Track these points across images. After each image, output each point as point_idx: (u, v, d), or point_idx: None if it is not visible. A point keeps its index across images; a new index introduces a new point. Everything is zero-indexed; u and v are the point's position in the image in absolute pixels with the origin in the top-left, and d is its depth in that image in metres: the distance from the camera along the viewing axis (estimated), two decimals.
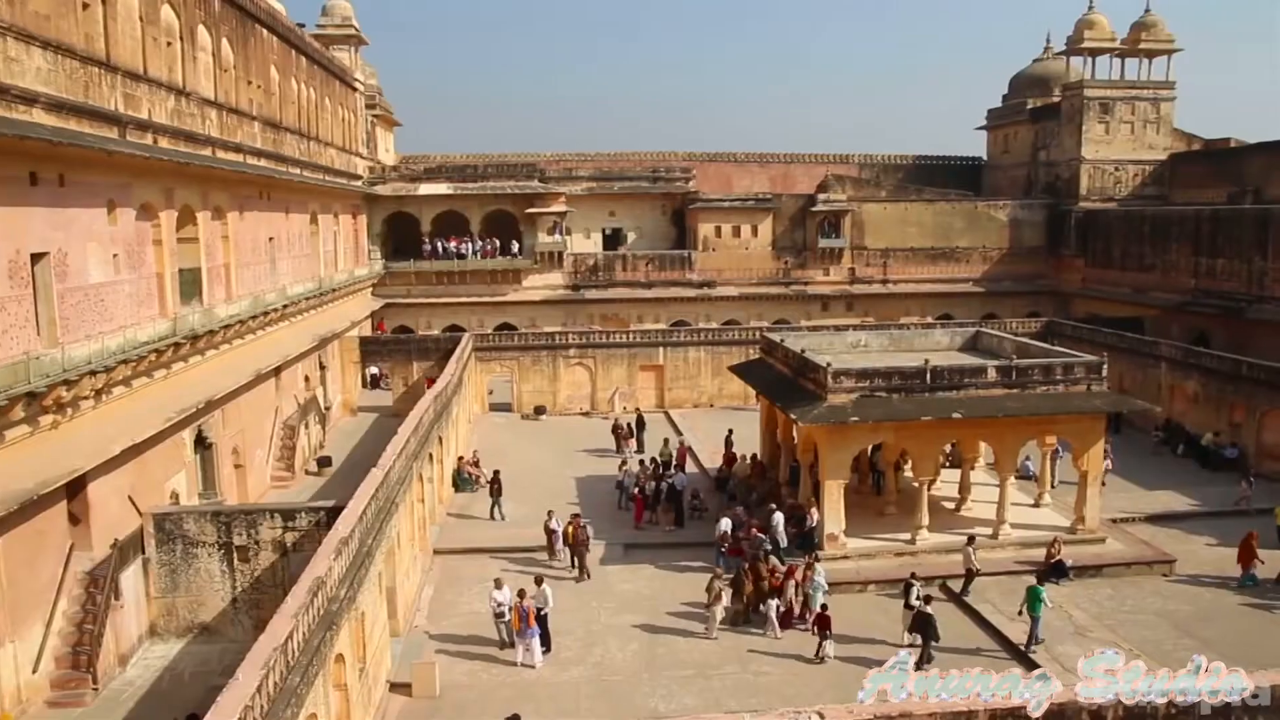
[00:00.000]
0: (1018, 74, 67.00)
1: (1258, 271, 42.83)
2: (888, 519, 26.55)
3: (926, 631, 19.49)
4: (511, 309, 53.47)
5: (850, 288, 56.26)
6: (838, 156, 68.18)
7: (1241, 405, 34.14)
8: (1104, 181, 56.38)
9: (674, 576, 24.09)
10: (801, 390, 25.42)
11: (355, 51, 50.52)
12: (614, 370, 44.43)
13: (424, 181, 53.12)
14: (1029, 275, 58.02)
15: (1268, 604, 22.44)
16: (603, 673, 19.07)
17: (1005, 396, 24.47)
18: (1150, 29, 56.15)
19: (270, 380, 30.68)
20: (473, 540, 26.39)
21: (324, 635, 13.06)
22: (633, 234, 57.96)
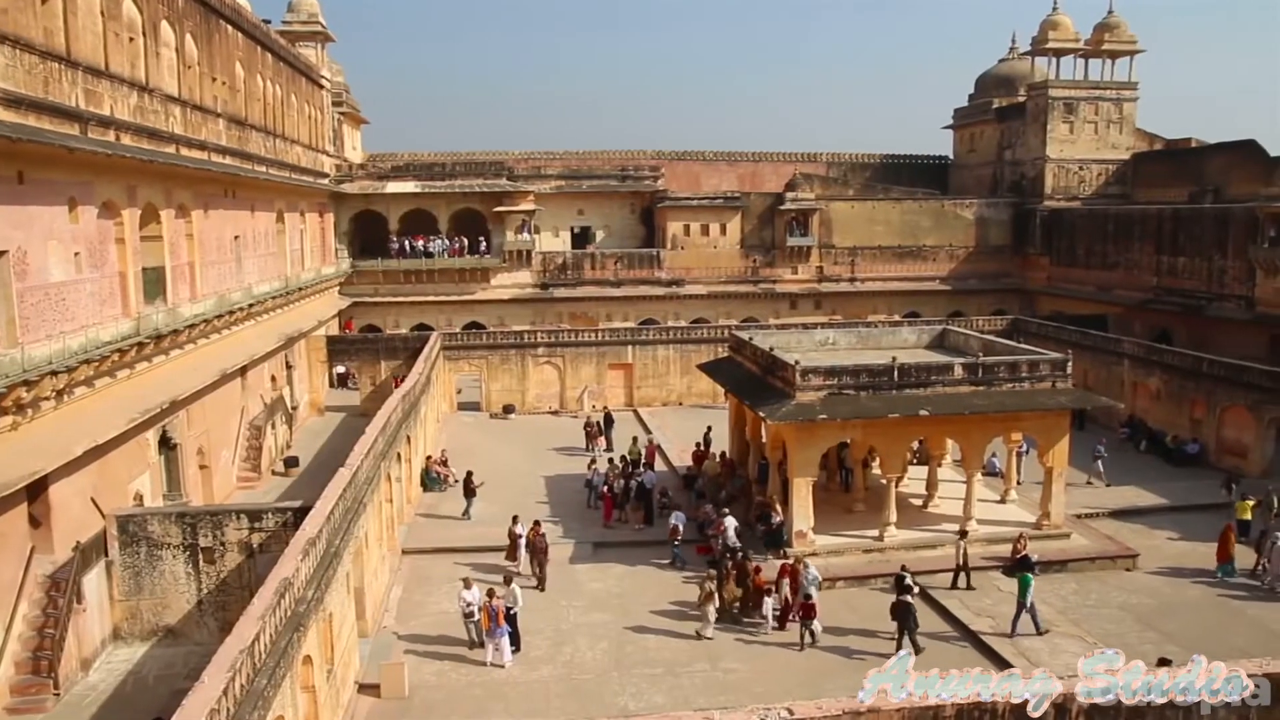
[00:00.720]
0: (984, 74, 67.54)
1: (1217, 270, 43.46)
2: (856, 516, 26.71)
3: (905, 620, 19.73)
4: (480, 308, 53.28)
5: (818, 286, 56.52)
6: (806, 155, 68.44)
7: (1202, 401, 34.64)
8: (1068, 180, 56.97)
9: (643, 575, 24.13)
10: (770, 388, 25.51)
11: (322, 48, 50.07)
12: (583, 369, 44.40)
13: (392, 180, 52.79)
14: (995, 273, 58.56)
15: (1228, 596, 22.78)
16: (572, 671, 19.06)
17: (972, 394, 24.69)
18: (1113, 30, 56.78)
19: (236, 380, 30.39)
20: (441, 540, 26.29)
21: (291, 637, 12.96)
22: (601, 233, 57.93)
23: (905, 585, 20.32)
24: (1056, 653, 19.57)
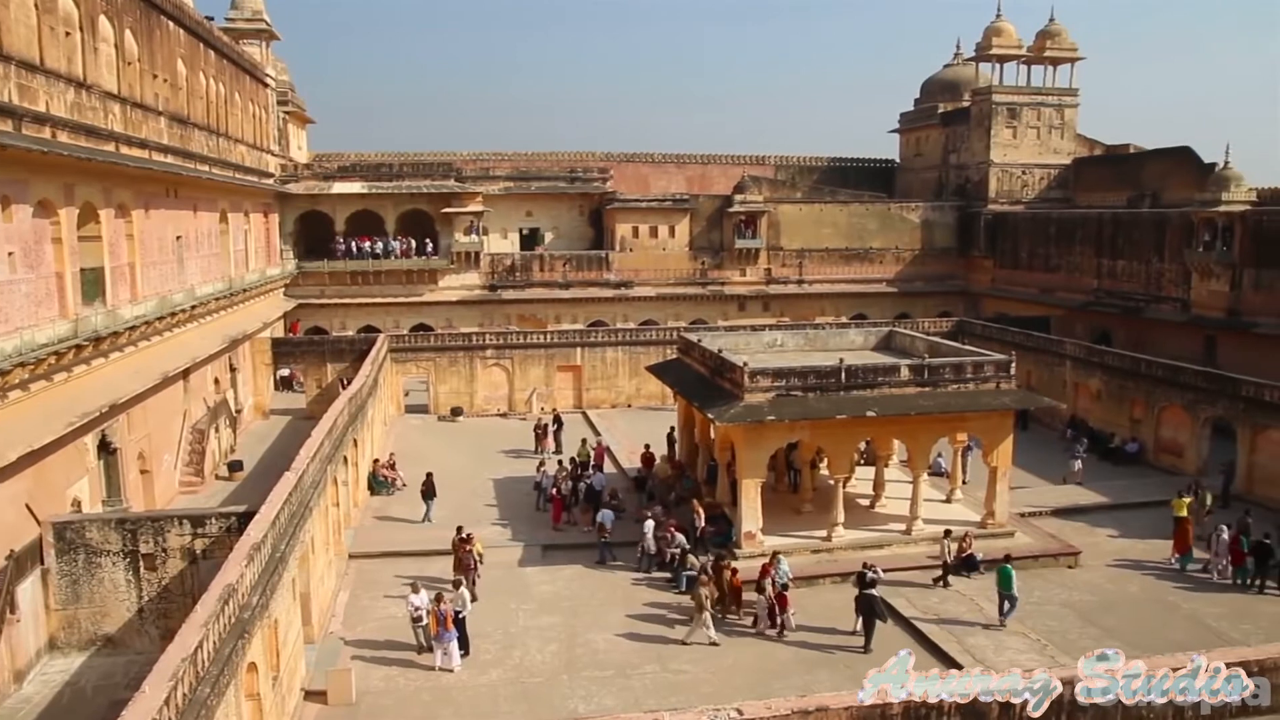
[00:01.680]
0: (929, 79, 68.42)
1: (1155, 273, 44.44)
2: (804, 517, 26.88)
3: (870, 613, 20.03)
4: (428, 309, 52.87)
5: (766, 288, 56.87)
6: (754, 158, 68.83)
7: (1141, 401, 35.38)
8: (1012, 184, 57.91)
9: (593, 577, 24.10)
10: (719, 390, 25.60)
11: (266, 46, 49.39)
12: (531, 371, 44.24)
13: (338, 180, 52.19)
14: (940, 275, 59.36)
15: (1166, 592, 23.28)
16: (522, 674, 18.97)
17: (918, 395, 24.96)
18: (1054, 38, 57.85)
19: (178, 383, 29.88)
20: (389, 544, 26.04)
21: (235, 644, 12.75)
22: (550, 234, 57.77)
23: (868, 580, 20.56)
24: (1001, 649, 19.88)
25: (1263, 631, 20.55)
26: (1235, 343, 39.22)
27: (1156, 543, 26.45)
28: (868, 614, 20.16)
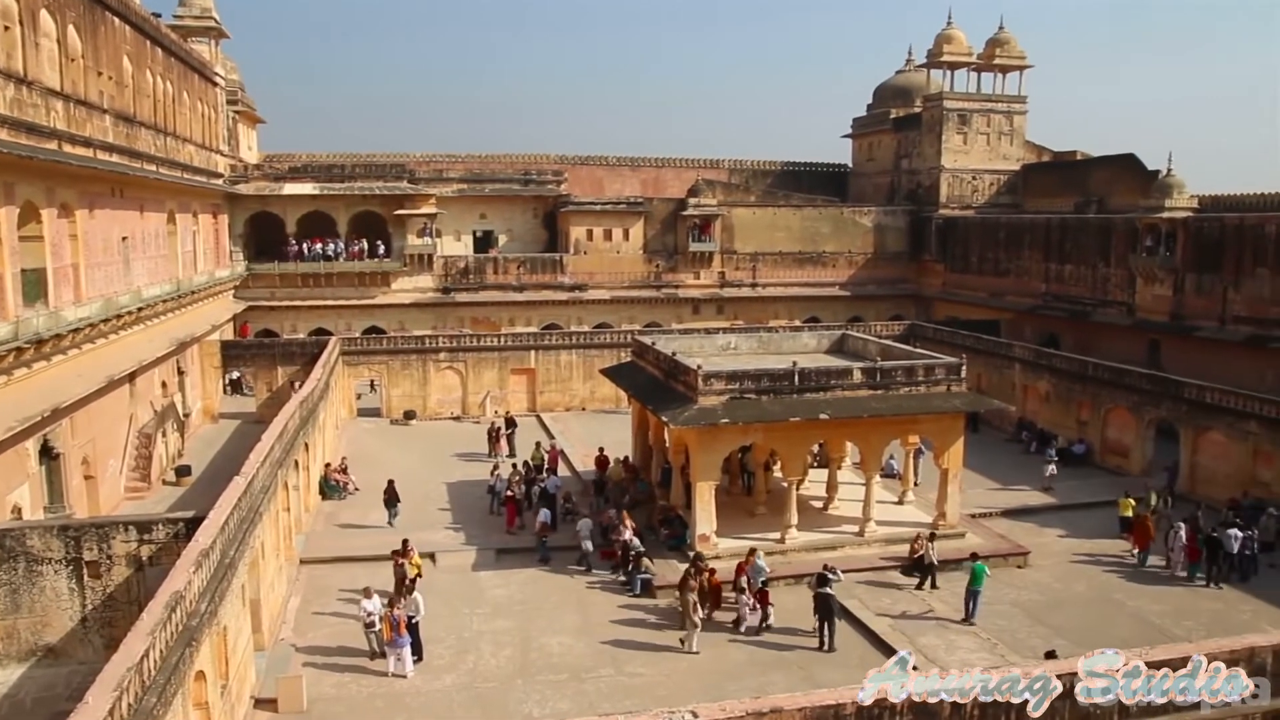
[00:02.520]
0: (881, 84, 69.04)
1: (1101, 277, 45.22)
2: (758, 519, 27.01)
3: (828, 613, 20.30)
4: (380, 312, 52.42)
5: (720, 291, 57.07)
6: (708, 161, 69.03)
7: (1088, 403, 35.99)
8: (962, 190, 58.64)
9: (547, 580, 24.03)
10: (673, 393, 25.64)
11: (215, 45, 48.68)
12: (485, 374, 44.03)
13: (289, 181, 51.53)
14: (892, 279, 59.95)
15: (1111, 591, 23.70)
16: (475, 680, 18.86)
17: (870, 397, 25.18)
18: (1004, 45, 58.69)
19: (124, 386, 29.33)
20: (341, 549, 25.77)
21: (183, 652, 12.52)
22: (504, 236, 57.50)
23: (826, 579, 20.72)
24: (953, 649, 20.12)
25: (1203, 627, 21.03)
26: (1178, 346, 40.04)
27: (1103, 542, 26.98)
28: (826, 614, 20.33)
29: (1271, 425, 28.65)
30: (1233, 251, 37.95)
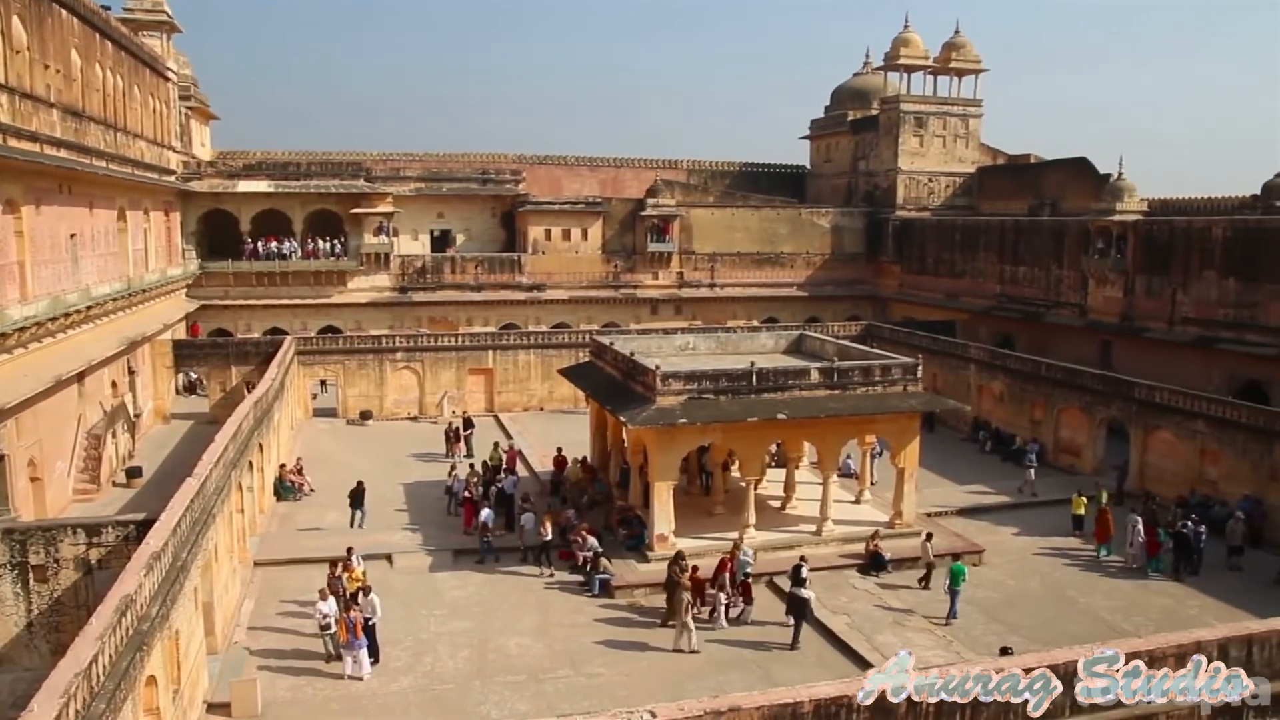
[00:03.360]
0: (839, 87, 69.54)
1: (1054, 279, 45.85)
2: (716, 519, 27.07)
3: (800, 613, 20.55)
4: (336, 311, 51.91)
5: (679, 291, 57.16)
6: (667, 162, 69.12)
7: (1041, 403, 36.48)
8: (919, 191, 59.21)
9: (505, 581, 23.93)
10: (631, 393, 25.64)
11: (167, 39, 47.93)
12: (442, 374, 43.76)
13: (243, 178, 50.87)
14: (850, 280, 60.38)
15: (1065, 588, 24.04)
16: (433, 681, 18.73)
17: (827, 397, 25.33)
18: (960, 49, 59.32)
19: (72, 386, 28.78)
20: (296, 550, 25.46)
21: (133, 657, 12.31)
22: (462, 236, 57.18)
23: (801, 578, 21.00)
24: (909, 647, 20.21)
25: (1152, 623, 21.37)
26: (1128, 347, 40.69)
27: (1056, 540, 27.37)
28: (798, 614, 20.59)
29: (1218, 425, 29.21)
30: (1181, 254, 38.64)
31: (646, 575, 23.67)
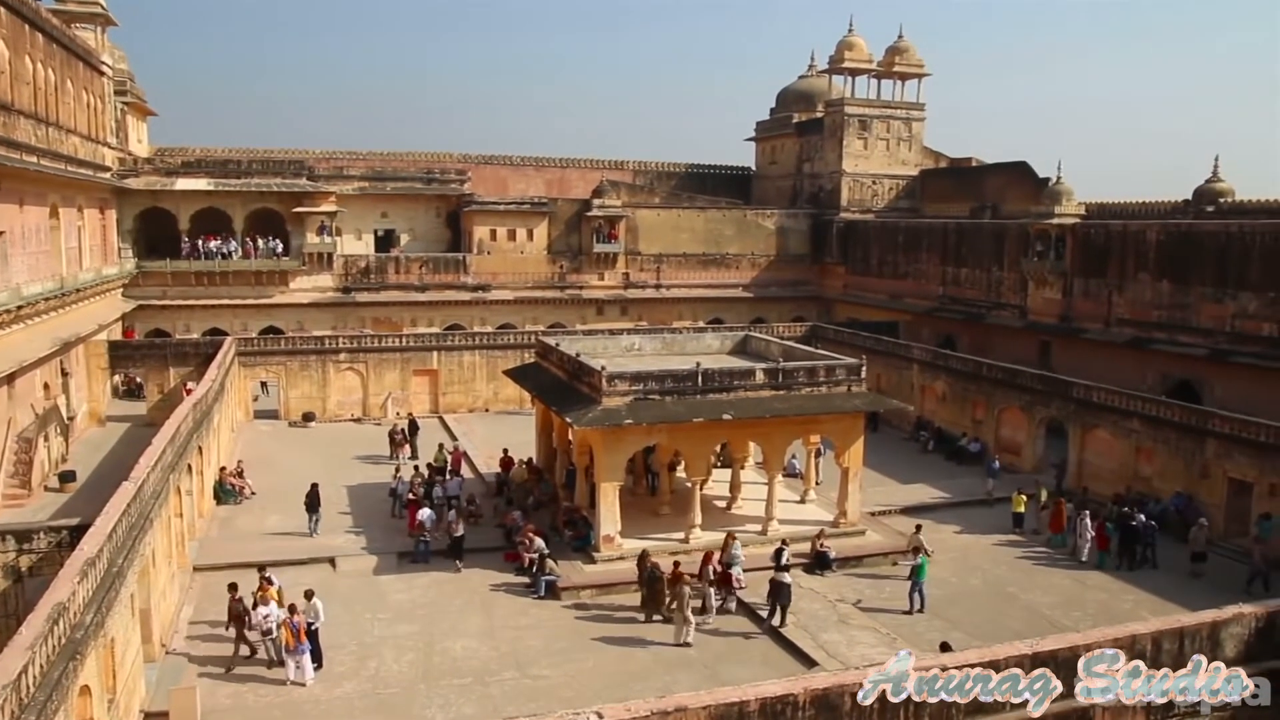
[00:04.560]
0: (785, 89, 70.02)
1: (995, 281, 46.58)
2: (663, 519, 27.13)
3: (779, 596, 21.18)
4: (278, 311, 51.16)
5: (625, 292, 57.18)
6: (613, 162, 69.09)
7: (982, 403, 37.05)
8: (863, 194, 59.85)
9: (450, 583, 23.75)
10: (577, 394, 25.59)
11: (102, 32, 46.84)
12: (387, 375, 43.35)
13: (182, 176, 49.94)
14: (795, 281, 60.84)
15: (1005, 584, 24.44)
16: (377, 686, 18.53)
17: (773, 398, 25.48)
18: (903, 54, 60.08)
19: (1, 389, 28.04)
20: (237, 555, 24.97)
21: (66, 666, 12.01)
22: (406, 236, 56.67)
23: (783, 565, 21.81)
24: (854, 644, 20.47)
25: (1090, 617, 21.81)
26: (1067, 347, 41.47)
27: (997, 537, 27.82)
28: (782, 599, 21.36)
29: (1152, 423, 29.87)
30: (1117, 257, 39.46)
31: (593, 576, 23.68)
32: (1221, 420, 27.90)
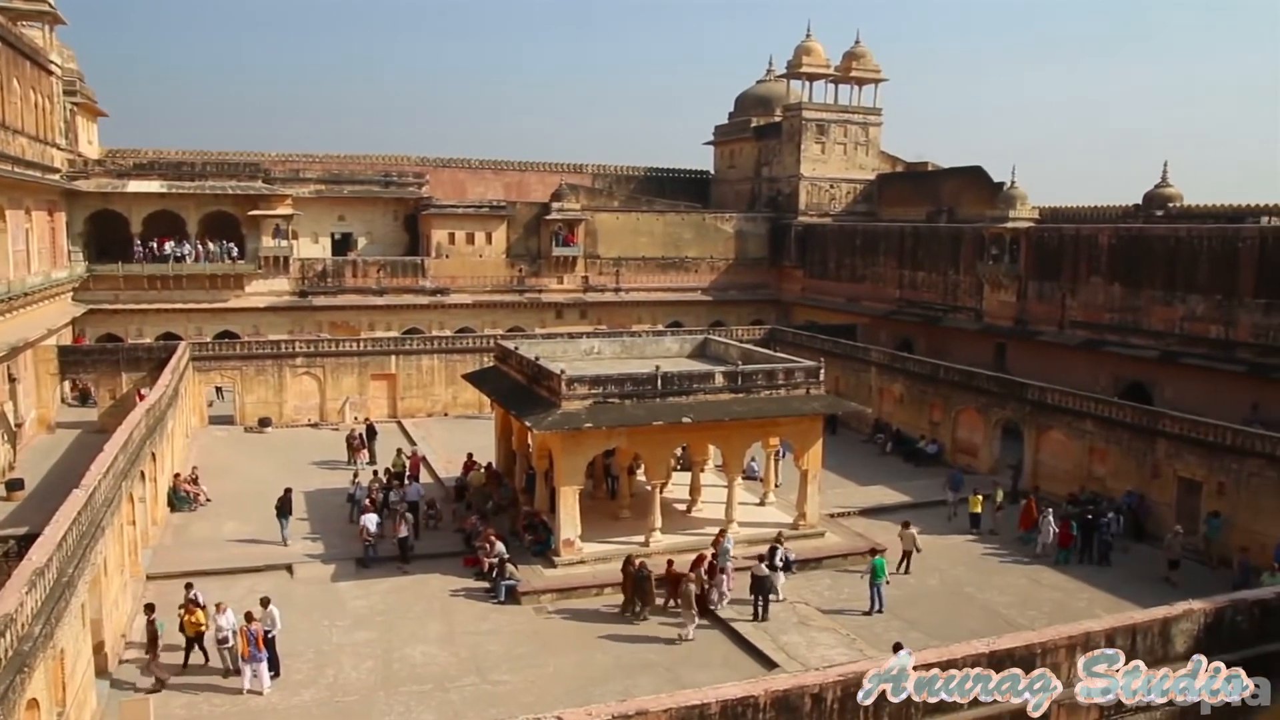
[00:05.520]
0: (743, 93, 70.29)
1: (951, 284, 47.07)
2: (622, 523, 27.12)
3: (763, 588, 21.91)
4: (233, 316, 50.51)
5: (584, 295, 57.12)
6: (572, 166, 68.99)
7: (939, 405, 37.42)
8: (820, 198, 60.25)
9: (409, 589, 23.59)
10: (536, 398, 25.53)
11: (50, 31, 46.00)
12: (344, 379, 42.98)
13: (134, 178, 49.14)
14: (753, 285, 61.11)
15: (962, 584, 24.70)
16: (335, 694, 18.35)
17: (732, 401, 25.56)
18: (860, 59, 60.61)
19: None
20: (192, 563, 24.65)
21: (13, 680, 11.77)
22: (363, 239, 56.22)
23: (774, 563, 22.55)
24: (813, 645, 20.58)
25: (1045, 616, 22.08)
26: (1022, 349, 42.00)
27: (954, 538, 28.10)
28: (759, 588, 21.92)
29: (1105, 424, 30.33)
30: (1070, 261, 40.02)
31: (553, 580, 23.61)
32: (1171, 421, 28.40)
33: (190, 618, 19.26)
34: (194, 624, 19.21)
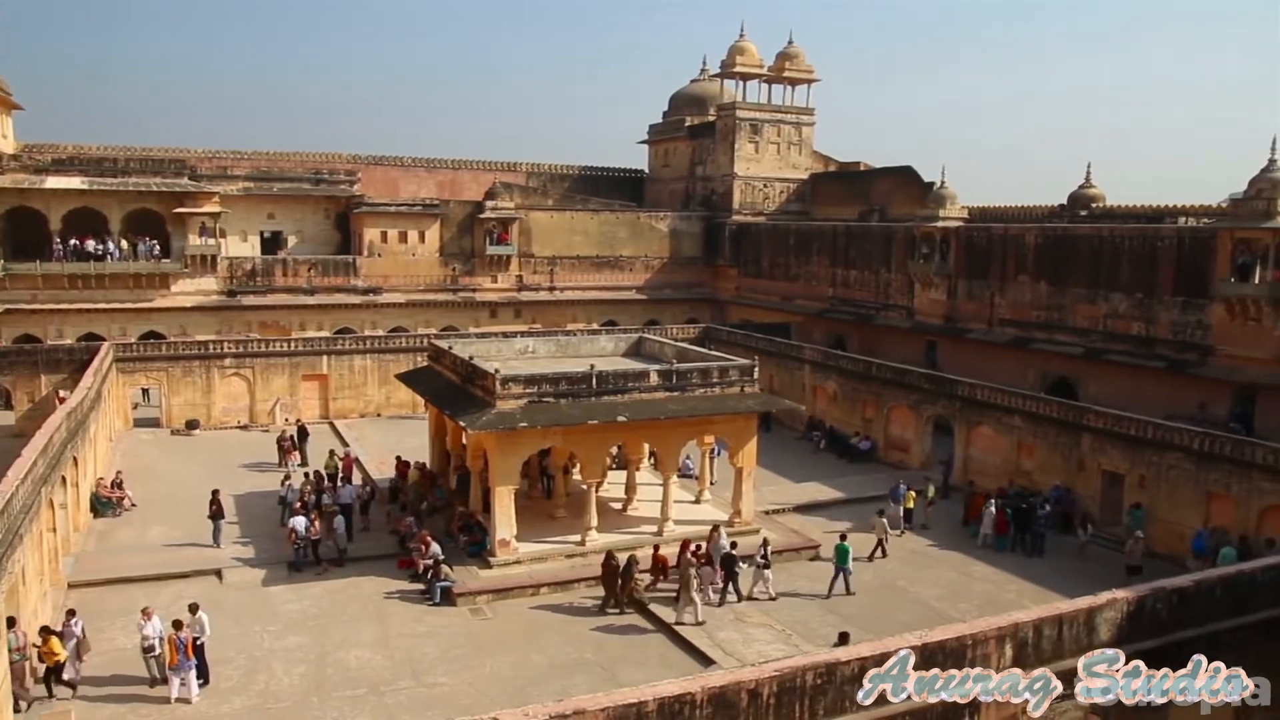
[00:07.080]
0: (677, 92, 70.45)
1: (883, 282, 47.68)
2: (559, 522, 27.05)
3: (730, 569, 22.72)
4: (159, 316, 49.31)
5: (518, 295, 56.83)
6: (506, 164, 68.54)
7: (872, 402, 37.91)
8: (754, 197, 60.67)
9: (343, 592, 23.28)
10: (471, 397, 25.35)
11: None
12: (274, 380, 42.26)
13: (53, 174, 47.71)
14: (688, 283, 61.31)
15: (895, 579, 25.06)
16: (267, 700, 18.03)
17: (667, 399, 25.63)
18: (793, 59, 61.15)
19: None
20: (115, 570, 24.09)
21: None
22: (294, 238, 55.27)
23: (766, 559, 23.25)
24: (750, 642, 20.73)
25: (976, 608, 22.45)
26: (952, 347, 42.70)
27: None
28: (728, 569, 22.82)
29: (1032, 420, 31.00)
30: (998, 260, 40.77)
31: (489, 581, 23.47)
32: (1095, 416, 29.12)
33: (45, 648, 17.63)
34: (50, 654, 17.59)
